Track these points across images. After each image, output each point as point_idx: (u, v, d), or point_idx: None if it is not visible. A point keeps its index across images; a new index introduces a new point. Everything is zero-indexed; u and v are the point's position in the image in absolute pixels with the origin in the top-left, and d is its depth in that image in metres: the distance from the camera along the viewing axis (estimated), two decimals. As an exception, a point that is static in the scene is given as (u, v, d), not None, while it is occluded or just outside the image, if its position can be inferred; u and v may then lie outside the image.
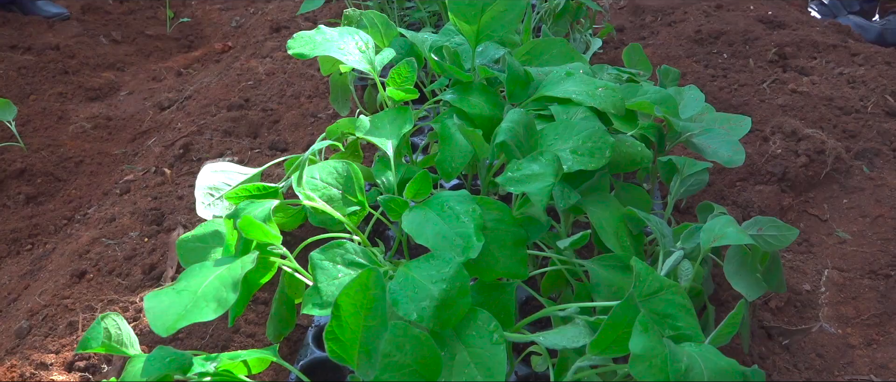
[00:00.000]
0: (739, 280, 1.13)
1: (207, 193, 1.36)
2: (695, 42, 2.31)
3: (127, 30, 3.29)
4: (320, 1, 1.91)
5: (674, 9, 2.59)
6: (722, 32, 2.32)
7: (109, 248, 1.67)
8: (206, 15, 3.46)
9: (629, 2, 2.77)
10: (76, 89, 2.78)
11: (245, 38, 3.03)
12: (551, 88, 1.22)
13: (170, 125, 2.38)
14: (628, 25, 2.57)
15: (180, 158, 2.03)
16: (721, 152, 1.27)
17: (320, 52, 1.27)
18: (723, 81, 2.07)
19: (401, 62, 1.31)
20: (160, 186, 1.92)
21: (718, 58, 2.21)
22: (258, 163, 2.00)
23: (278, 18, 3.01)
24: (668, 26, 2.46)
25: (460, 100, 1.28)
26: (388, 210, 1.09)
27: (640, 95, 1.34)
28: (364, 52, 1.32)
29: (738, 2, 2.57)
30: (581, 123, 1.11)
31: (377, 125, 1.27)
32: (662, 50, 2.28)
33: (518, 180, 0.95)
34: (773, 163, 1.69)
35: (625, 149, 1.18)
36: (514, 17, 1.27)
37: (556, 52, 1.35)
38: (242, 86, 2.44)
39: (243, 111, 2.30)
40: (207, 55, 3.03)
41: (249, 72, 2.58)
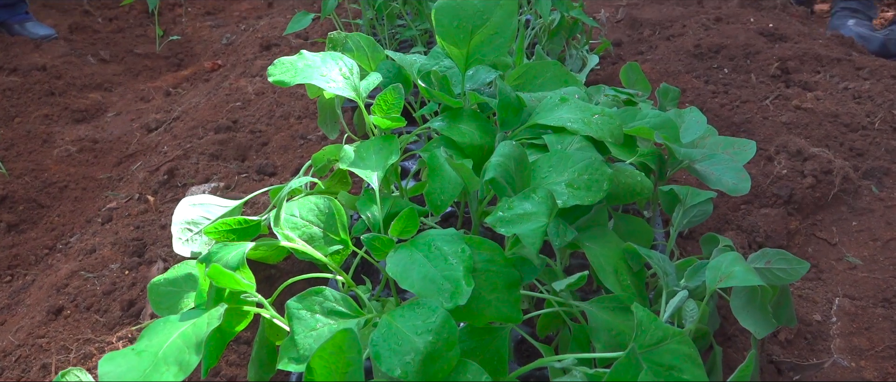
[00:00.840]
0: (747, 317, 1.06)
1: (185, 227, 1.29)
2: (694, 57, 2.24)
3: (115, 49, 3.23)
4: (306, 22, 1.85)
5: (672, 22, 2.53)
6: (722, 46, 2.26)
7: (89, 282, 1.61)
8: (197, 32, 3.40)
9: (627, 15, 2.71)
10: (62, 111, 2.72)
11: (235, 56, 2.97)
12: (545, 115, 1.16)
13: (156, 148, 2.32)
14: (626, 40, 2.51)
15: (165, 184, 1.96)
16: (725, 180, 1.20)
17: (302, 79, 1.20)
18: (724, 98, 2.00)
19: (387, 89, 1.25)
20: (143, 214, 1.86)
21: (719, 73, 2.15)
22: (245, 188, 1.94)
23: (269, 36, 2.95)
24: (667, 40, 2.40)
25: (449, 128, 1.22)
26: (372, 250, 1.02)
27: (639, 120, 1.27)
28: (348, 78, 1.26)
29: (737, 14, 2.51)
30: (576, 154, 1.04)
31: (362, 156, 1.20)
32: (661, 65, 2.21)
33: (509, 220, 0.89)
34: (779, 185, 1.62)
35: (624, 179, 1.12)
36: (505, 40, 1.20)
37: (551, 75, 1.28)
38: (231, 107, 2.38)
39: (231, 133, 2.23)
40: (197, 74, 2.97)
41: (238, 92, 2.52)
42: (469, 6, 1.21)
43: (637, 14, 2.69)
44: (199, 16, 3.58)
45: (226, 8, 3.70)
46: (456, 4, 1.22)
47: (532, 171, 1.05)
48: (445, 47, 1.24)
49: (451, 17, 1.22)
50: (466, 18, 1.22)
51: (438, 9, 1.23)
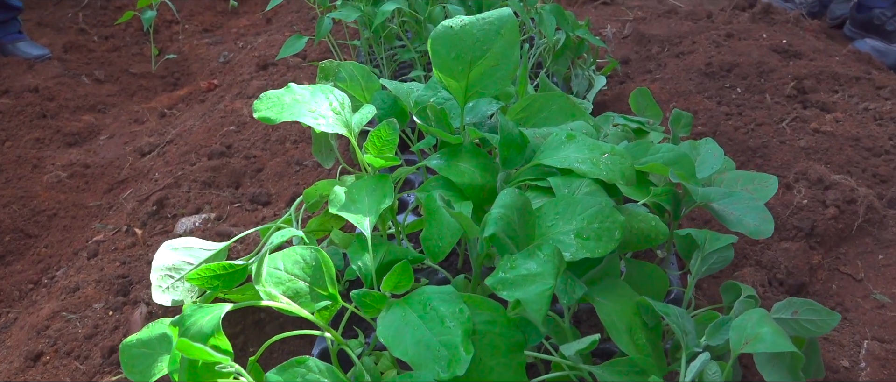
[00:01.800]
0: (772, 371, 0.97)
1: (165, 274, 1.20)
2: (706, 75, 2.15)
3: (110, 68, 3.16)
4: (300, 45, 1.77)
5: (681, 38, 2.44)
6: (734, 64, 2.17)
7: (71, 323, 1.52)
8: (194, 50, 3.33)
9: (634, 31, 2.62)
10: (54, 134, 2.64)
11: (231, 76, 2.89)
12: (550, 154, 1.07)
13: (148, 175, 2.24)
14: (634, 57, 2.42)
15: (154, 215, 1.88)
16: (746, 221, 1.11)
17: (289, 116, 1.12)
18: (738, 120, 1.91)
19: (381, 125, 1.16)
20: (130, 248, 1.77)
21: (732, 93, 2.06)
22: (237, 219, 1.85)
23: (266, 55, 2.88)
24: (676, 58, 2.31)
25: (448, 167, 1.13)
26: (362, 307, 0.93)
27: (652, 155, 1.19)
28: (339, 113, 1.18)
29: (749, 30, 2.42)
30: (585, 199, 0.96)
31: (354, 197, 1.12)
32: (671, 85, 2.12)
33: (512, 282, 0.80)
34: (800, 216, 1.53)
35: (637, 224, 1.03)
36: (507, 72, 1.12)
37: (556, 108, 1.20)
38: (225, 130, 2.30)
39: (225, 159, 2.15)
40: (192, 94, 2.90)
41: (233, 114, 2.44)
42: (467, 36, 1.13)
43: (645, 29, 2.60)
44: (196, 33, 3.51)
45: (224, 25, 3.63)
46: (453, 34, 1.13)
47: (537, 218, 0.96)
48: (443, 80, 1.15)
49: (448, 47, 1.14)
50: (465, 49, 1.13)
51: (434, 39, 1.14)
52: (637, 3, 2.97)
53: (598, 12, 2.94)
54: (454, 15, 1.72)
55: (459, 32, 1.14)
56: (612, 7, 2.96)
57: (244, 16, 3.74)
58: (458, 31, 1.14)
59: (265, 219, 1.77)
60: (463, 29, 1.14)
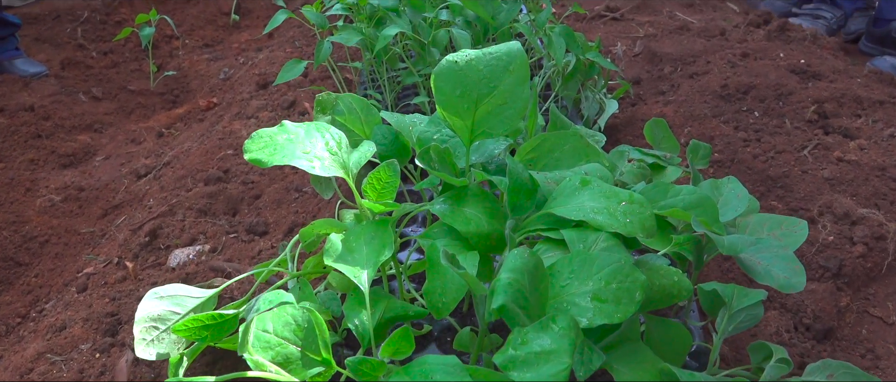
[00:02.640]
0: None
1: (150, 326, 1.13)
2: (721, 98, 2.07)
3: (108, 85, 3.09)
4: (298, 70, 1.70)
5: (695, 57, 2.36)
6: (751, 86, 2.08)
7: (55, 366, 1.45)
8: (194, 66, 3.26)
9: (645, 48, 2.54)
10: (49, 155, 2.58)
11: (231, 94, 2.82)
12: (563, 201, 0.99)
13: (143, 200, 2.17)
14: (645, 77, 2.33)
15: (146, 246, 1.81)
16: (775, 272, 1.02)
17: (281, 159, 1.04)
18: (757, 147, 1.82)
19: (381, 166, 1.08)
20: (121, 283, 1.70)
21: (749, 117, 1.97)
22: (233, 251, 1.77)
23: (266, 72, 2.80)
24: (690, 79, 2.22)
25: (452, 213, 1.05)
26: (358, 376, 0.85)
27: (672, 198, 1.10)
28: (335, 154, 1.10)
29: (765, 49, 2.33)
30: (603, 256, 0.87)
31: (351, 246, 1.04)
32: (685, 108, 2.04)
33: (523, 361, 0.72)
34: (826, 255, 1.44)
35: (658, 281, 0.94)
36: (516, 112, 1.04)
37: (569, 148, 1.11)
38: (223, 154, 2.23)
39: (222, 185, 2.07)
40: (191, 113, 2.83)
41: (232, 135, 2.36)
42: (473, 72, 1.05)
43: (656, 47, 2.52)
44: (196, 48, 3.45)
45: (225, 40, 3.57)
46: (458, 70, 1.05)
47: (550, 277, 0.87)
48: (447, 118, 1.07)
49: (452, 84, 1.06)
50: (470, 86, 1.05)
51: (437, 75, 1.06)
52: (647, 18, 2.89)
53: (607, 28, 2.86)
54: (459, 39, 1.64)
55: (465, 68, 1.05)
56: (621, 23, 2.88)
57: (246, 30, 3.67)
58: (463, 66, 1.06)
59: (261, 253, 1.69)
60: (468, 64, 1.05)
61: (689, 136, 1.92)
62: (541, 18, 1.80)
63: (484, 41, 1.84)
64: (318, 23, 1.71)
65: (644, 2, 3.07)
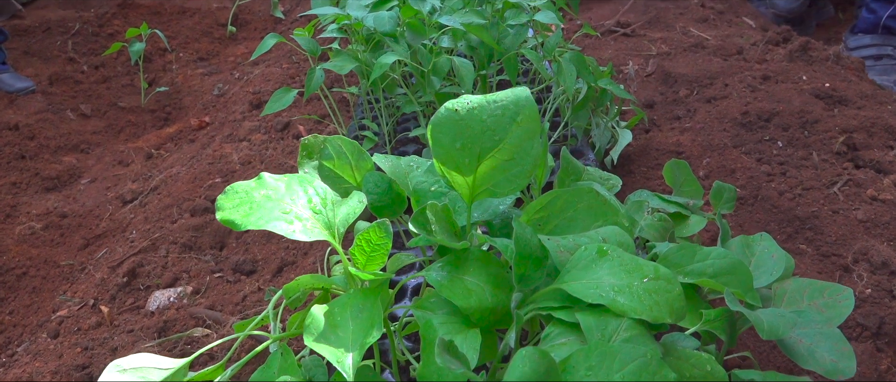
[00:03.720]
0: None
1: (110, 405, 1.00)
2: (742, 126, 1.94)
3: (98, 102, 2.98)
4: (288, 100, 1.57)
5: (712, 79, 2.23)
6: (773, 113, 1.95)
7: (18, 427, 1.33)
8: (187, 81, 3.14)
9: (658, 68, 2.41)
10: (32, 178, 2.46)
11: (224, 113, 2.70)
12: (577, 276, 0.86)
13: (126, 230, 2.05)
14: (659, 100, 2.20)
15: (124, 287, 1.69)
16: (820, 355, 0.90)
17: (257, 221, 0.92)
18: (782, 182, 1.69)
19: (371, 227, 0.96)
20: (95, 329, 1.58)
21: (772, 147, 1.84)
22: (217, 293, 1.65)
23: (261, 90, 2.68)
24: (708, 103, 2.09)
25: (451, 283, 0.92)
26: None
27: (700, 263, 0.97)
28: (320, 212, 0.97)
29: (787, 71, 2.20)
30: (625, 350, 0.74)
31: (335, 321, 0.91)
32: (703, 137, 1.91)
33: None
34: (864, 310, 1.31)
35: (688, 371, 0.81)
36: (523, 171, 0.91)
37: (584, 206, 0.98)
38: (212, 182, 2.11)
39: (208, 216, 1.95)
40: (182, 132, 2.71)
41: (222, 160, 2.24)
42: (476, 123, 0.92)
43: (670, 67, 2.39)
44: (190, 62, 3.33)
45: (220, 52, 3.45)
46: (458, 120, 0.93)
47: (564, 373, 0.75)
48: (445, 174, 0.95)
49: (451, 135, 0.93)
50: (472, 139, 0.92)
51: (435, 125, 0.93)
52: (660, 34, 2.76)
53: (617, 45, 2.73)
54: (461, 68, 1.52)
55: (466, 118, 0.93)
56: (633, 39, 2.75)
57: (242, 43, 3.56)
58: (464, 116, 0.93)
59: (246, 299, 1.56)
60: (470, 114, 0.93)
61: (708, 168, 1.79)
62: (550, 43, 1.68)
63: (488, 67, 1.71)
64: (310, 49, 1.58)
65: (656, 16, 2.94)
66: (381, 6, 1.69)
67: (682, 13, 3.00)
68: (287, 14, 3.77)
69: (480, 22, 1.59)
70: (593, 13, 3.14)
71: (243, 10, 3.78)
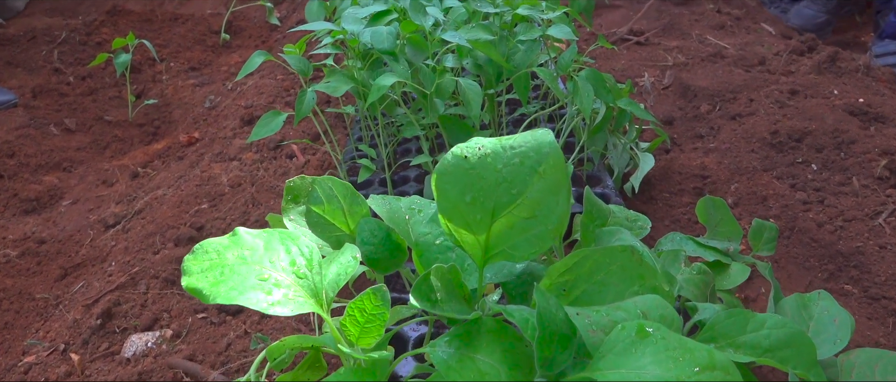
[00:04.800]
0: None
1: None
2: (771, 146, 1.78)
3: (83, 115, 2.83)
4: (277, 125, 1.43)
5: (735, 94, 2.07)
6: (805, 132, 1.80)
7: None
8: (177, 93, 2.99)
9: (676, 80, 2.25)
10: (10, 199, 2.31)
11: (215, 128, 2.55)
12: (614, 364, 0.71)
13: (105, 260, 1.90)
14: (678, 116, 2.05)
15: (98, 330, 1.54)
16: (904, 451, 0.74)
17: (228, 293, 0.77)
18: (820, 212, 1.54)
19: (364, 294, 0.81)
20: (65, 379, 1.43)
21: (807, 171, 1.68)
22: (198, 338, 1.50)
23: (254, 104, 2.53)
24: (732, 121, 1.94)
25: (460, 364, 0.77)
26: None
27: (754, 334, 0.83)
28: (304, 276, 0.82)
29: (816, 85, 2.04)
30: (680, 470, 0.59)
31: (323, 411, 0.76)
32: (730, 158, 1.76)
33: None
34: (926, 368, 1.15)
35: None
36: (547, 231, 0.76)
37: (616, 268, 0.83)
38: (198, 208, 1.96)
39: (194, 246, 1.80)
40: (171, 149, 2.56)
41: (210, 182, 2.09)
42: (490, 173, 0.77)
43: (689, 79, 2.24)
44: (182, 72, 3.18)
45: (213, 62, 3.30)
46: (469, 169, 0.78)
47: None
48: (453, 232, 0.80)
49: (460, 187, 0.78)
50: (485, 192, 0.78)
51: (441, 175, 0.79)
52: (676, 43, 2.61)
53: (631, 54, 2.57)
54: (467, 91, 1.37)
55: (477, 167, 0.78)
56: (647, 48, 2.59)
57: (237, 51, 3.41)
58: (475, 164, 0.78)
59: (231, 347, 1.42)
60: (482, 162, 0.78)
61: (737, 195, 1.63)
62: (564, 59, 1.53)
63: (496, 85, 1.56)
64: (300, 69, 1.43)
65: (671, 23, 2.79)
66: (379, 20, 1.54)
67: (698, 19, 2.84)
68: (283, 20, 3.62)
69: (488, 38, 1.44)
70: (603, 19, 2.98)
71: (238, 17, 3.64)
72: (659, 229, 1.60)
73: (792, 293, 0.96)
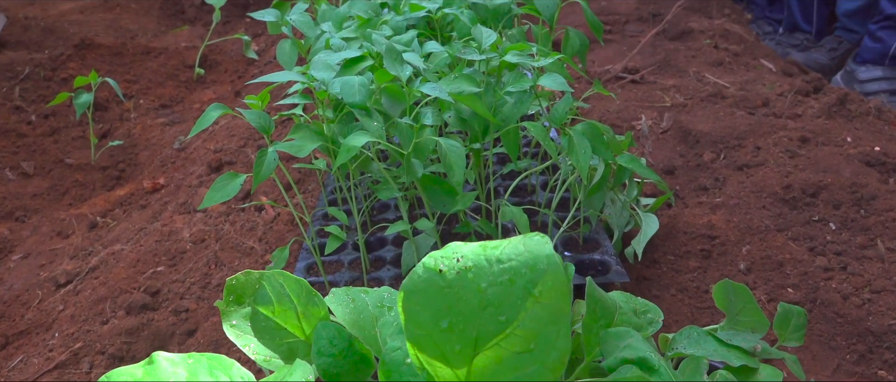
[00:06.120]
0: None
1: None
2: (784, 202, 1.63)
3: (43, 158, 2.65)
4: (233, 190, 1.25)
5: (740, 140, 1.93)
6: (820, 186, 1.65)
7: None
8: (145, 132, 2.82)
9: (675, 124, 2.11)
10: (-45, 254, 2.12)
11: (181, 173, 2.38)
12: None
13: (50, 329, 1.71)
14: (679, 164, 1.90)
15: (29, 422, 1.35)
16: None
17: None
18: (843, 280, 1.38)
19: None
20: None
21: (825, 232, 1.53)
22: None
23: (224, 148, 2.36)
24: (739, 172, 1.78)
25: None
26: None
27: None
28: (237, 420, 0.64)
29: (827, 131, 1.90)
30: None
31: None
32: (739, 215, 1.60)
33: None
34: None
35: None
36: (545, 367, 0.59)
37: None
38: (154, 271, 1.77)
39: (147, 315, 1.62)
40: (133, 196, 2.38)
41: (171, 237, 1.91)
42: (470, 294, 0.61)
43: (688, 122, 2.09)
44: (151, 110, 3.01)
45: (185, 98, 3.13)
46: (443, 287, 0.61)
47: None
48: (425, 365, 0.63)
49: (433, 310, 0.61)
50: (466, 318, 0.61)
51: (409, 293, 0.62)
52: (673, 81, 2.47)
53: (626, 93, 2.43)
54: (448, 153, 1.20)
55: (455, 286, 0.61)
56: (643, 87, 2.45)
57: (211, 87, 3.24)
58: (452, 282, 0.61)
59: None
60: (462, 279, 0.61)
61: (750, 260, 1.47)
62: (558, 110, 1.37)
63: (483, 139, 1.40)
64: (261, 127, 1.26)
65: (666, 59, 2.65)
66: (352, 68, 1.38)
67: (695, 55, 2.71)
68: (261, 54, 3.46)
69: (473, 90, 1.29)
70: (595, 55, 2.85)
71: (213, 51, 3.48)
72: (664, 298, 1.44)
73: (817, 378, 0.80)
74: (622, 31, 3.08)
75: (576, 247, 1.47)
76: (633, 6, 3.30)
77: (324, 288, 1.43)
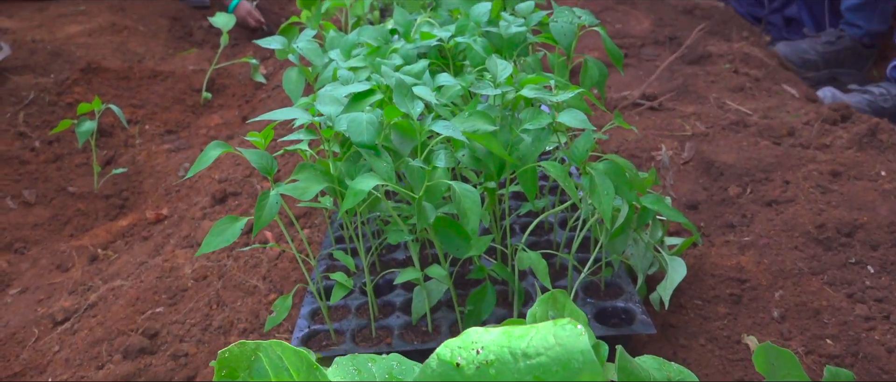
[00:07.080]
0: None
1: None
2: (818, 242, 1.54)
3: (45, 186, 2.59)
4: (232, 235, 1.18)
5: (767, 173, 1.83)
6: (856, 225, 1.55)
7: None
8: (150, 159, 2.76)
9: (696, 154, 2.02)
10: (-49, 288, 2.06)
11: (185, 204, 2.31)
12: None
13: (46, 371, 1.64)
14: (703, 199, 1.81)
15: None
16: None
17: None
18: (886, 331, 1.28)
19: None
20: None
21: (862, 274, 1.43)
22: None
23: (228, 178, 2.29)
24: (768, 208, 1.69)
25: None
26: None
27: None
28: None
29: (859, 164, 1.81)
30: None
31: None
32: (770, 256, 1.51)
33: None
34: None
35: None
36: None
37: None
38: (153, 311, 1.70)
39: (145, 360, 1.55)
40: (136, 227, 2.31)
41: (172, 274, 1.84)
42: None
43: (711, 153, 2.00)
44: (157, 135, 2.95)
45: (192, 124, 3.07)
46: None
47: None
48: None
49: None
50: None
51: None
52: (693, 108, 2.38)
53: (644, 121, 2.35)
54: (462, 198, 1.12)
55: (475, 383, 0.53)
56: (662, 114, 2.37)
57: (218, 111, 3.18)
58: (470, 378, 0.53)
59: None
60: (481, 376, 0.53)
61: (784, 307, 1.38)
62: (579, 148, 1.29)
63: (498, 178, 1.32)
64: (263, 168, 1.19)
65: (685, 85, 2.57)
66: (360, 103, 1.30)
67: (714, 81, 2.63)
68: (270, 77, 3.41)
69: (488, 129, 1.21)
70: (612, 81, 2.77)
71: (221, 74, 3.43)
72: (693, 348, 1.34)
73: None
74: (638, 55, 3.00)
75: (597, 293, 1.38)
76: (649, 29, 3.23)
77: (329, 336, 1.35)
